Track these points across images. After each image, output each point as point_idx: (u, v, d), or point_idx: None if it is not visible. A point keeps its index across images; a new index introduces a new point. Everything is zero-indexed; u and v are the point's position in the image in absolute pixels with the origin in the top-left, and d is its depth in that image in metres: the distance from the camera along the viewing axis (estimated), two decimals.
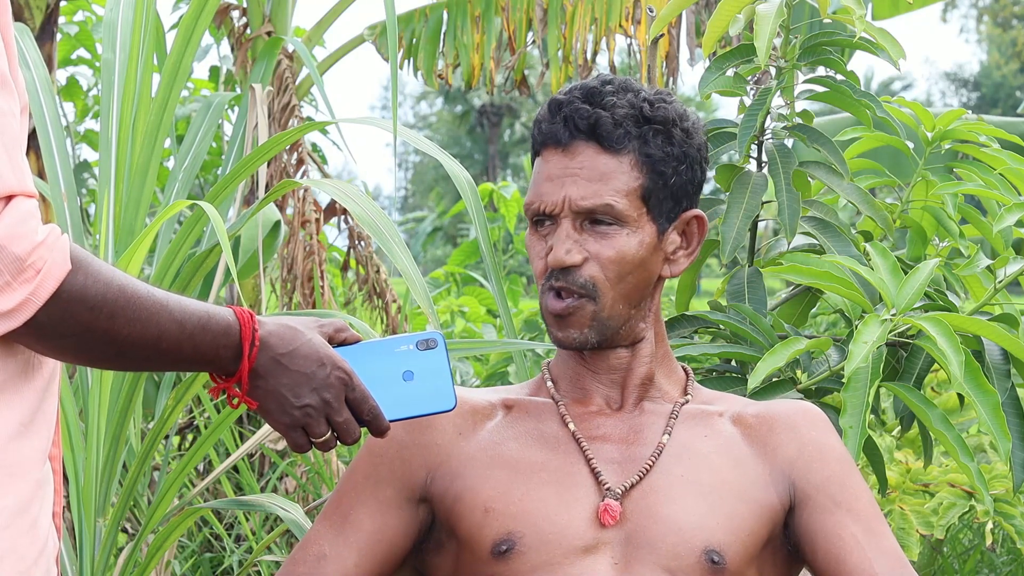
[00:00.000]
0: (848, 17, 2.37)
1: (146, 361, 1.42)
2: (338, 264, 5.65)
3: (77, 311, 1.33)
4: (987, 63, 46.61)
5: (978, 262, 2.31)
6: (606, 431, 1.74)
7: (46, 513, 1.39)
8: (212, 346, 1.43)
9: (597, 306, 1.71)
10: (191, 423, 4.18)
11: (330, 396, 1.49)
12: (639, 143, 1.71)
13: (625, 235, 1.71)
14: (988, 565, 4.03)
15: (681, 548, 1.66)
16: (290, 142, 2.78)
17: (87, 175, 5.53)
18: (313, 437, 1.51)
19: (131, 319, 1.36)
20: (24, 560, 1.34)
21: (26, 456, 1.35)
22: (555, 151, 1.72)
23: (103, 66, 2.73)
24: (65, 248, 1.32)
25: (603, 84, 1.73)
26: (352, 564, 1.70)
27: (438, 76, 4.95)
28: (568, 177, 1.70)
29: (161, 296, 1.39)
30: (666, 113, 1.73)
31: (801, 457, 1.74)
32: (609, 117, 1.70)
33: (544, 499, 1.68)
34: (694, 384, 1.82)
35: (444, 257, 22.86)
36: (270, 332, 1.47)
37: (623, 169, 1.70)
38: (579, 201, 1.69)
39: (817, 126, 2.51)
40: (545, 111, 1.74)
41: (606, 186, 1.70)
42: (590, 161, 1.70)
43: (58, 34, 4.78)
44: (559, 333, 1.73)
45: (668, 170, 1.72)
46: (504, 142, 43.00)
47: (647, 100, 1.73)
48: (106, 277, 1.35)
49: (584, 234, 1.71)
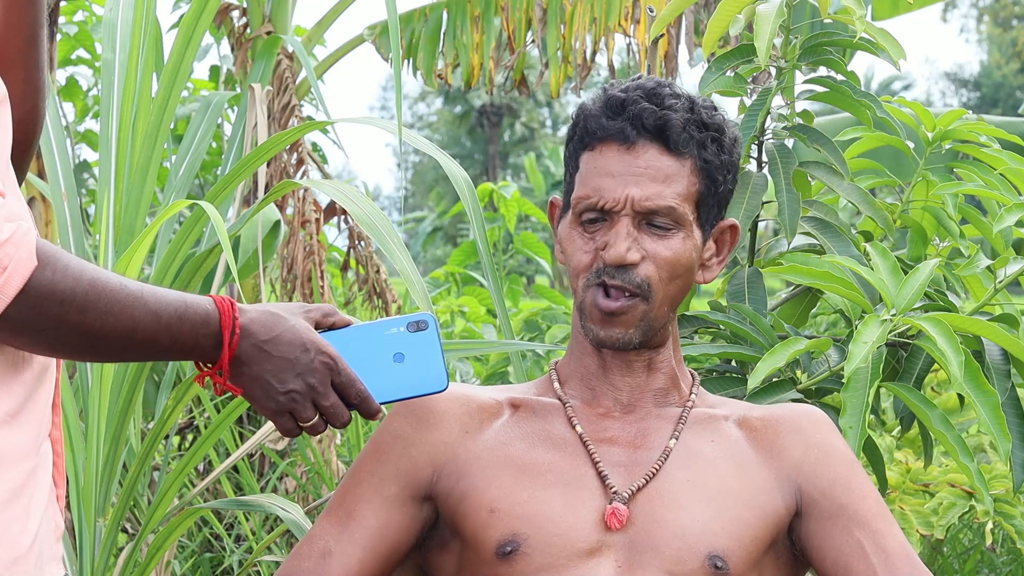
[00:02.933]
0: (848, 17, 2.37)
1: (124, 353, 1.43)
2: (338, 264, 5.65)
3: (47, 306, 1.34)
4: (987, 63, 46.62)
5: (978, 262, 2.31)
6: (613, 434, 1.74)
7: (39, 502, 1.40)
8: (191, 335, 1.44)
9: (648, 306, 1.71)
10: (191, 423, 4.18)
11: (315, 381, 1.49)
12: (699, 148, 1.72)
13: (681, 238, 1.71)
14: (988, 565, 4.03)
15: (685, 553, 1.66)
16: (290, 142, 2.78)
17: (87, 175, 5.53)
18: (301, 421, 1.51)
19: (103, 312, 1.37)
20: (16, 548, 1.35)
21: (14, 445, 1.36)
22: (617, 148, 1.71)
23: (103, 66, 2.72)
24: (31, 244, 1.32)
25: (659, 85, 1.73)
26: (356, 560, 1.70)
27: (438, 76, 4.95)
28: (631, 175, 1.70)
29: (135, 288, 1.40)
30: (720, 120, 1.75)
31: (806, 460, 1.74)
32: (678, 119, 1.70)
33: (550, 501, 1.68)
34: (699, 388, 1.82)
35: (444, 257, 22.87)
36: (251, 319, 1.48)
37: (684, 173, 1.71)
38: (643, 201, 1.69)
39: (817, 126, 2.51)
40: (600, 107, 1.73)
41: (669, 188, 1.70)
42: (655, 162, 1.70)
43: (58, 34, 4.78)
44: (602, 332, 1.72)
45: (720, 177, 1.74)
46: (504, 142, 42.98)
47: (703, 107, 1.74)
48: (75, 271, 1.35)
49: (641, 233, 1.70)
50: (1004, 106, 40.66)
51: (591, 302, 1.72)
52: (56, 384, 1.50)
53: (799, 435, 1.76)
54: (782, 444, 1.75)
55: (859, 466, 1.77)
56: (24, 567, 1.36)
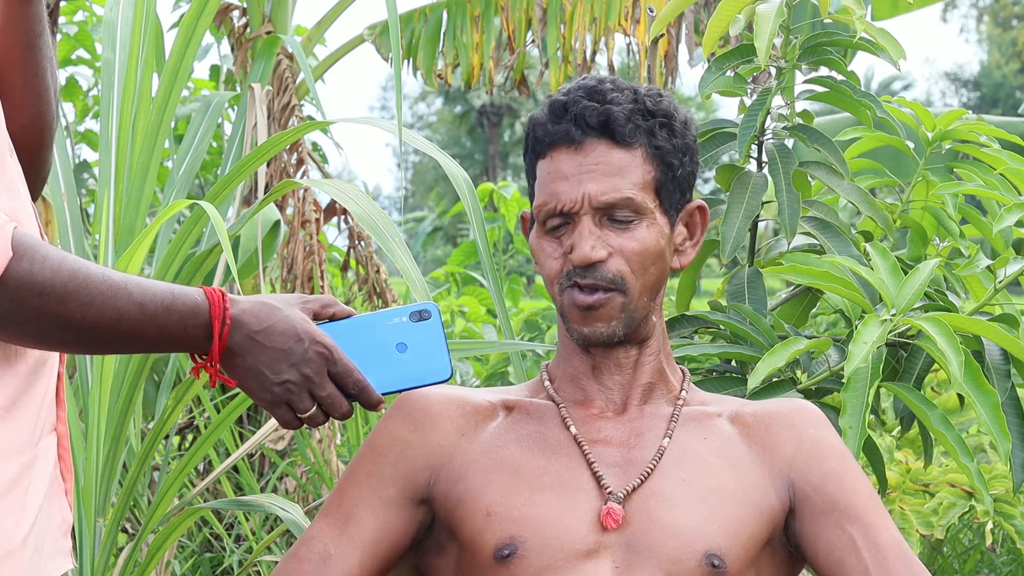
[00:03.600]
0: (848, 17, 2.37)
1: (110, 344, 1.43)
2: (338, 264, 5.65)
3: (26, 297, 1.34)
4: (987, 63, 46.61)
5: (978, 262, 2.31)
6: (607, 434, 1.74)
7: (36, 496, 1.40)
8: (180, 326, 1.43)
9: (626, 298, 1.71)
10: (191, 423, 4.18)
11: (310, 371, 1.49)
12: (648, 136, 1.73)
13: (645, 227, 1.72)
14: (988, 565, 4.03)
15: (682, 552, 1.66)
16: (290, 142, 2.78)
17: (87, 175, 5.53)
18: (298, 413, 1.51)
19: (84, 303, 1.37)
20: (10, 540, 1.35)
21: (9, 439, 1.36)
22: (566, 150, 1.72)
23: (103, 66, 2.73)
24: (7, 236, 1.32)
25: (600, 82, 1.75)
26: (356, 563, 1.69)
27: (438, 76, 4.95)
28: (584, 174, 1.70)
29: (119, 278, 1.40)
30: (666, 106, 1.76)
31: (799, 455, 1.74)
32: (620, 111, 1.71)
33: (546, 503, 1.68)
34: (690, 384, 1.82)
35: (444, 257, 22.87)
36: (243, 310, 1.47)
37: (636, 162, 1.72)
38: (599, 196, 1.70)
39: (817, 126, 2.51)
40: (545, 113, 1.75)
41: (623, 180, 1.71)
42: (605, 156, 1.71)
43: (58, 34, 4.78)
44: (585, 328, 1.73)
45: (675, 161, 1.74)
46: (504, 142, 42.99)
47: (647, 95, 1.75)
48: (54, 262, 1.35)
49: (604, 229, 1.71)
50: (1004, 106, 40.65)
51: (569, 303, 1.72)
52: (59, 378, 1.50)
53: (791, 430, 1.76)
54: (775, 440, 1.75)
55: (852, 461, 1.77)
56: (18, 561, 1.36)
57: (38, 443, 1.41)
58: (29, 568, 1.38)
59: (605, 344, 1.74)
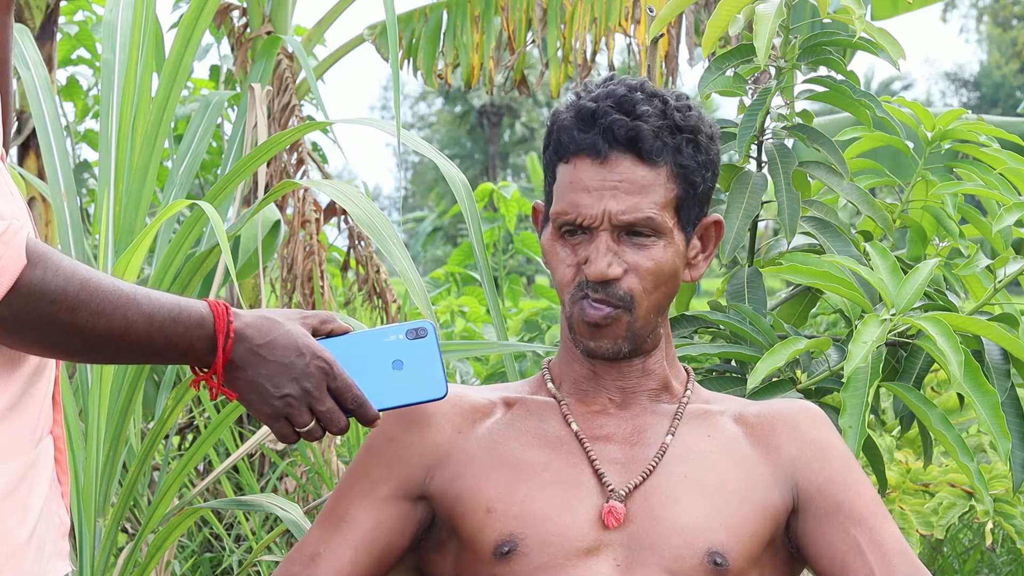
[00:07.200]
0: (848, 17, 2.37)
1: (117, 354, 1.44)
2: (338, 264, 5.65)
3: (37, 304, 1.34)
4: (987, 63, 46.61)
5: (978, 262, 2.31)
6: (609, 431, 1.73)
7: (38, 496, 1.40)
8: (185, 338, 1.44)
9: (632, 317, 1.70)
10: (191, 423, 4.18)
11: (310, 385, 1.50)
12: (674, 154, 1.70)
13: (662, 246, 1.70)
14: (988, 565, 4.04)
15: (684, 550, 1.65)
16: (290, 142, 2.78)
17: (87, 175, 5.53)
18: (297, 427, 1.51)
19: (95, 312, 1.37)
20: (12, 541, 1.36)
21: (11, 440, 1.36)
22: (590, 161, 1.69)
23: (103, 66, 2.73)
24: (21, 243, 1.33)
25: (631, 91, 1.71)
26: (347, 561, 1.69)
27: (438, 76, 4.95)
28: (607, 190, 1.68)
29: (128, 289, 1.41)
30: (695, 121, 1.72)
31: (803, 456, 1.74)
32: (649, 129, 1.68)
33: (547, 500, 1.67)
34: (694, 384, 1.82)
35: (444, 257, 22.85)
36: (246, 324, 1.48)
37: (660, 181, 1.69)
38: (620, 215, 1.68)
39: (817, 126, 2.51)
40: (572, 119, 1.71)
41: (645, 199, 1.68)
42: (629, 173, 1.68)
43: (58, 34, 4.78)
44: (591, 343, 1.72)
45: (699, 179, 1.72)
46: (504, 142, 42.98)
47: (676, 108, 1.71)
48: (67, 271, 1.36)
49: (621, 245, 1.69)
50: (1004, 106, 40.65)
51: (578, 317, 1.71)
52: (56, 380, 1.50)
53: (795, 431, 1.76)
54: (778, 440, 1.75)
55: (855, 463, 1.77)
56: (21, 561, 1.36)
57: (39, 444, 1.42)
58: (31, 569, 1.38)
59: (612, 359, 1.74)
